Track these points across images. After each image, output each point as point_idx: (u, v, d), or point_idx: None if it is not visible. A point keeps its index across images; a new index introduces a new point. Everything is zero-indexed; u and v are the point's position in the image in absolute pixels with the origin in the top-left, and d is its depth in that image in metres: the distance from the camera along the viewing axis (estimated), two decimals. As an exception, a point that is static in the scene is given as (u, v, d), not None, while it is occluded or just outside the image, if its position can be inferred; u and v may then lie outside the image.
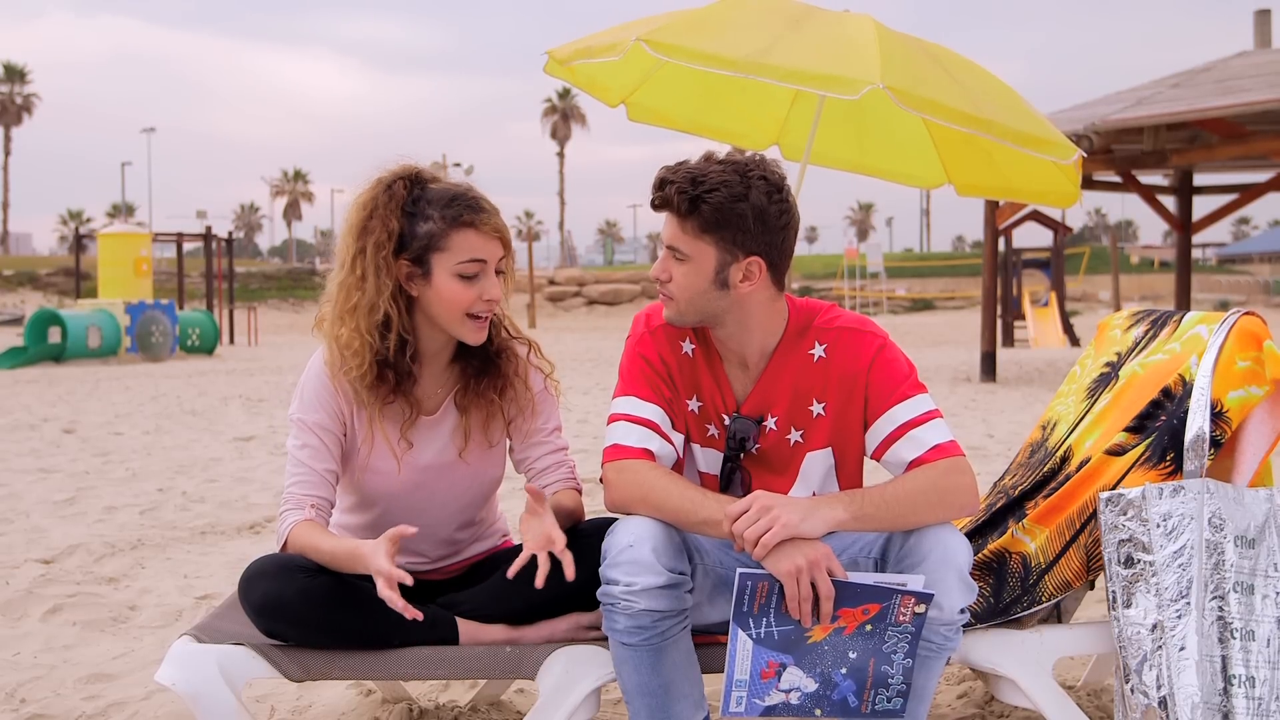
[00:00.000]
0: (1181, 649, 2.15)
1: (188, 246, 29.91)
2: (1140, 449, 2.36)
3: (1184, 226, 15.71)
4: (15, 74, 78.43)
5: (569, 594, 2.35)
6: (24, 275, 46.09)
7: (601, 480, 2.27)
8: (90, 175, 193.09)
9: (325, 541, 2.25)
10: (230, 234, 28.85)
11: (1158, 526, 2.21)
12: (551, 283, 45.46)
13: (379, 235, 2.27)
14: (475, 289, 2.28)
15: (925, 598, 2.03)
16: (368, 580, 2.35)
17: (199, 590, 4.12)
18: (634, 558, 2.11)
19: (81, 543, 4.81)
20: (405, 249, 2.28)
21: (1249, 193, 14.89)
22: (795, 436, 2.33)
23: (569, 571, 2.11)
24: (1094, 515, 2.35)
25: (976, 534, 2.57)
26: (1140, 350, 2.61)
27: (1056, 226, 25.70)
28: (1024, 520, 2.47)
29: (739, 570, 2.04)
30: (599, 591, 2.15)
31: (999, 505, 2.61)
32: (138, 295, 20.59)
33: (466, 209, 2.27)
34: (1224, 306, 44.93)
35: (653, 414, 2.28)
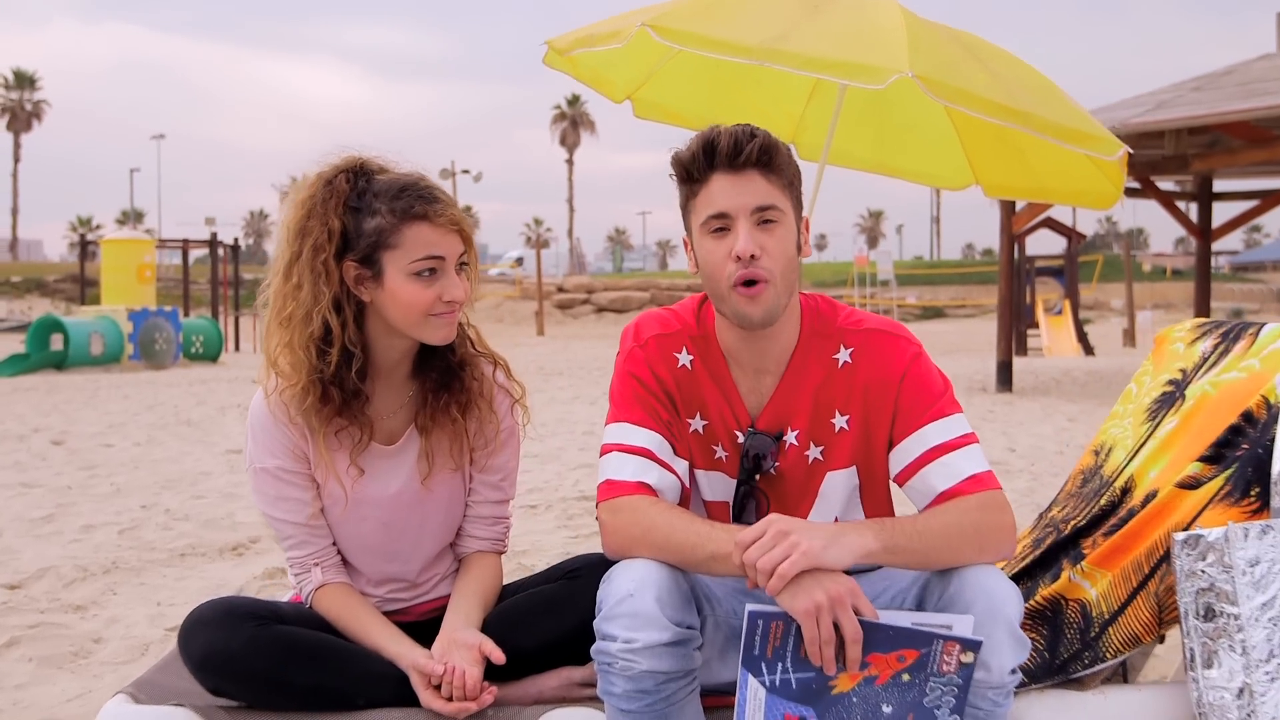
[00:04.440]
0: (1274, 719, 1.85)
1: (196, 253, 29.74)
2: (1218, 482, 2.05)
3: (1203, 233, 15.38)
4: (25, 80, 78.56)
5: (560, 645, 2.07)
6: (32, 282, 46.22)
7: (598, 520, 1.98)
8: (101, 182, 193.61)
9: (349, 622, 2.09)
10: (236, 240, 28.64)
11: (1244, 574, 1.90)
12: (560, 290, 45.37)
13: (318, 236, 2.00)
14: (434, 288, 2.01)
15: (973, 645, 1.73)
16: (328, 629, 2.08)
17: (171, 620, 3.83)
18: (634, 609, 1.81)
19: (52, 565, 4.52)
20: (351, 249, 2.01)
21: (1270, 199, 14.55)
22: (814, 453, 2.05)
23: (496, 658, 2.01)
24: (1165, 558, 2.04)
25: (1025, 576, 2.27)
26: (1209, 367, 2.31)
27: (1070, 233, 25.31)
28: (1082, 562, 2.16)
29: (748, 607, 1.75)
30: (593, 649, 1.85)
31: (1049, 542, 2.31)
32: (141, 302, 20.39)
33: (418, 200, 2.00)
34: (1238, 314, 44.78)
35: (649, 441, 1.99)
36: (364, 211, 2.01)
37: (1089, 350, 24.11)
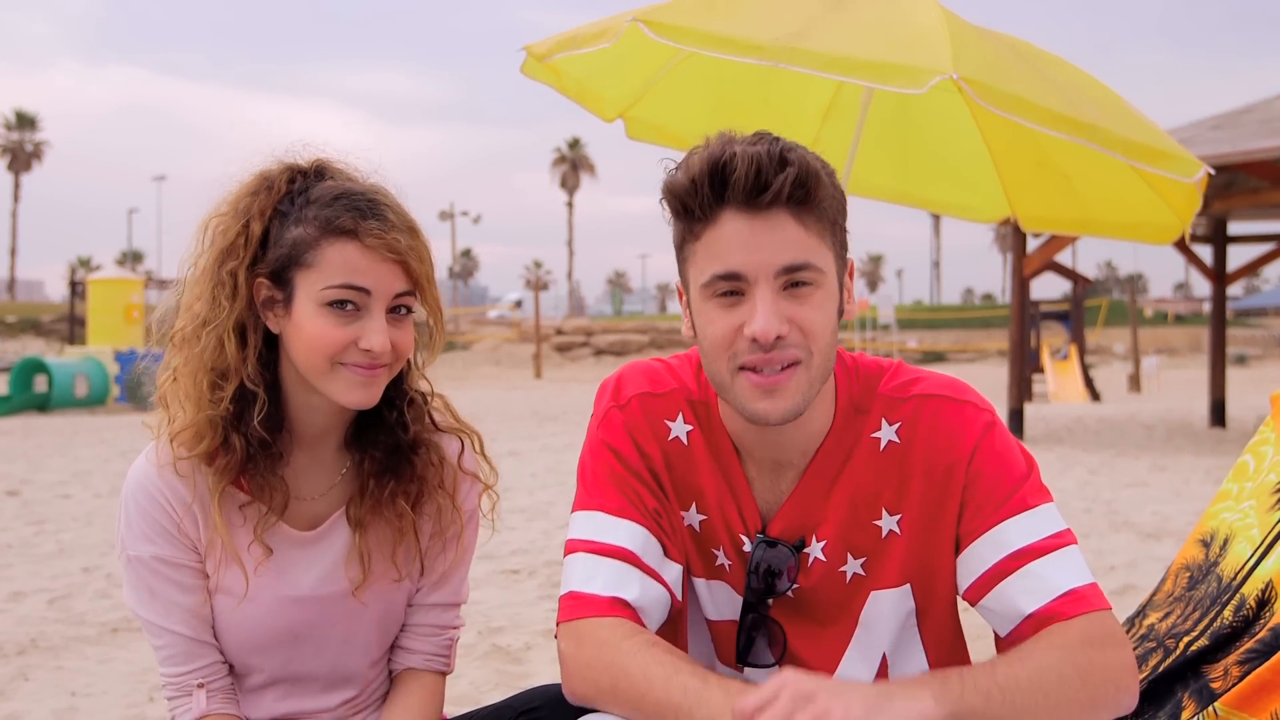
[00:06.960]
0: None
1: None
2: (1407, 599, 1.53)
3: (1219, 277, 14.94)
4: (26, 121, 78.62)
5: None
6: (28, 322, 45.89)
7: (555, 639, 1.46)
8: (102, 222, 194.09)
9: None
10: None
11: None
12: (559, 332, 45.09)
13: (232, 239, 1.54)
14: (349, 329, 1.51)
15: None
16: None
17: (81, 716, 3.28)
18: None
19: (-37, 644, 3.98)
20: (266, 261, 1.55)
21: (1290, 241, 14.13)
22: (854, 568, 1.53)
23: None
24: (1339, 705, 1.51)
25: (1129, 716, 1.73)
26: (1362, 437, 1.79)
27: (1076, 277, 24.87)
28: (1214, 703, 1.62)
29: None
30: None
31: (1155, 663, 1.77)
32: (128, 343, 20.01)
33: (350, 210, 1.51)
34: (1241, 360, 44.49)
35: (631, 538, 1.47)
36: (290, 217, 1.55)
37: (1095, 396, 23.60)
